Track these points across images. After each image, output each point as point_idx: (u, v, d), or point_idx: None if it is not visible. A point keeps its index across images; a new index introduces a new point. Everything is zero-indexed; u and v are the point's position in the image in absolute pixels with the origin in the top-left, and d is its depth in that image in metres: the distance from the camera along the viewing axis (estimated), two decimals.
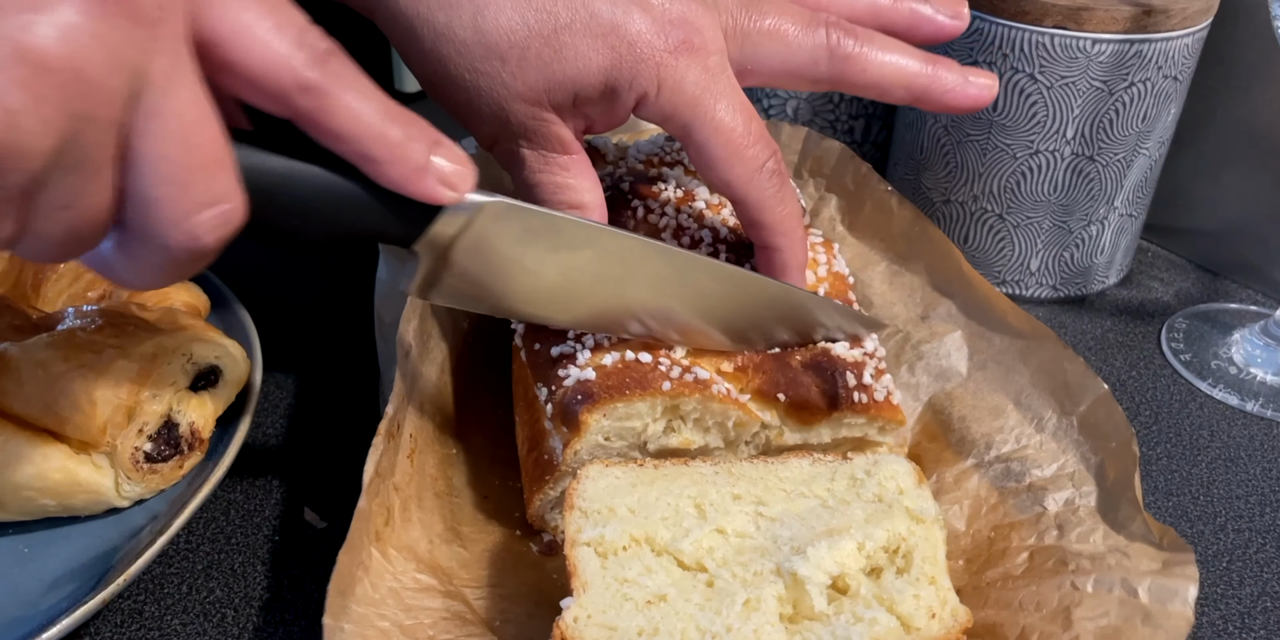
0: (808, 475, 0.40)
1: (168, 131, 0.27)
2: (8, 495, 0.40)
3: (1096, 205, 0.60)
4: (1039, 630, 0.38)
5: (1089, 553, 0.40)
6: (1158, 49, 0.55)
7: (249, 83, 0.29)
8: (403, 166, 0.32)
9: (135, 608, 0.41)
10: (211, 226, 0.28)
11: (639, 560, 0.37)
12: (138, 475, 0.41)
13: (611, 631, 0.34)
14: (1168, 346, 0.60)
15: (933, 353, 0.50)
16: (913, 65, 0.43)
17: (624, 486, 0.39)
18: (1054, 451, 0.44)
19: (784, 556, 0.37)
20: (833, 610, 0.35)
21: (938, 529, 0.38)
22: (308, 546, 0.44)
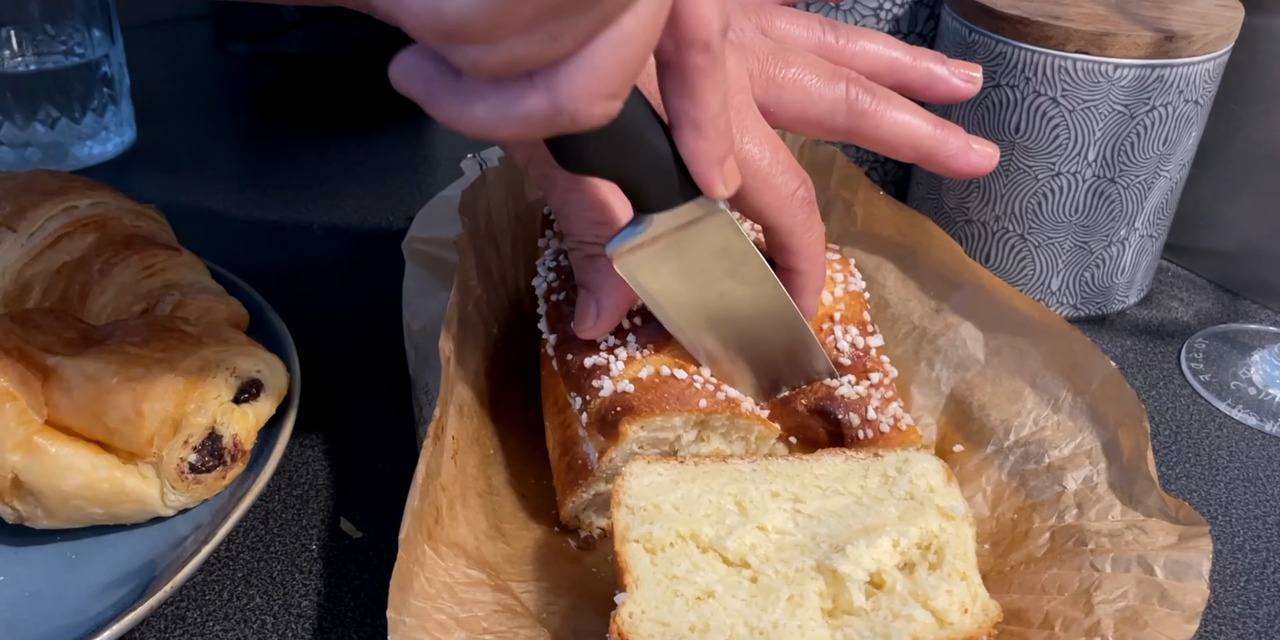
0: (841, 472, 0.42)
1: (651, 23, 0.30)
2: (57, 504, 0.41)
3: (1117, 226, 0.61)
4: (1062, 615, 0.39)
5: (1107, 530, 0.42)
6: (1179, 74, 0.56)
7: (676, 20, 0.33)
8: (712, 147, 0.36)
9: (178, 614, 0.42)
10: (600, 112, 0.30)
11: (686, 557, 0.38)
12: (182, 485, 0.43)
13: (665, 627, 0.36)
14: (1187, 367, 0.60)
15: (949, 345, 0.52)
16: (923, 128, 0.45)
17: (667, 483, 0.40)
18: (1071, 430, 0.46)
19: (824, 554, 0.38)
20: (870, 606, 0.37)
21: (967, 526, 0.40)
22: (344, 556, 0.45)
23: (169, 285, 0.51)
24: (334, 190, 0.75)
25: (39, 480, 0.41)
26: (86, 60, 0.74)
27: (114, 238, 0.52)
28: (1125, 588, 0.39)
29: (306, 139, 0.82)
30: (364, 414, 0.54)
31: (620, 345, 0.44)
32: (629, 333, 0.44)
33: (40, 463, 0.41)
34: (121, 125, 0.77)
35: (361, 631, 0.42)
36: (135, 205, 0.56)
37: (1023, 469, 0.46)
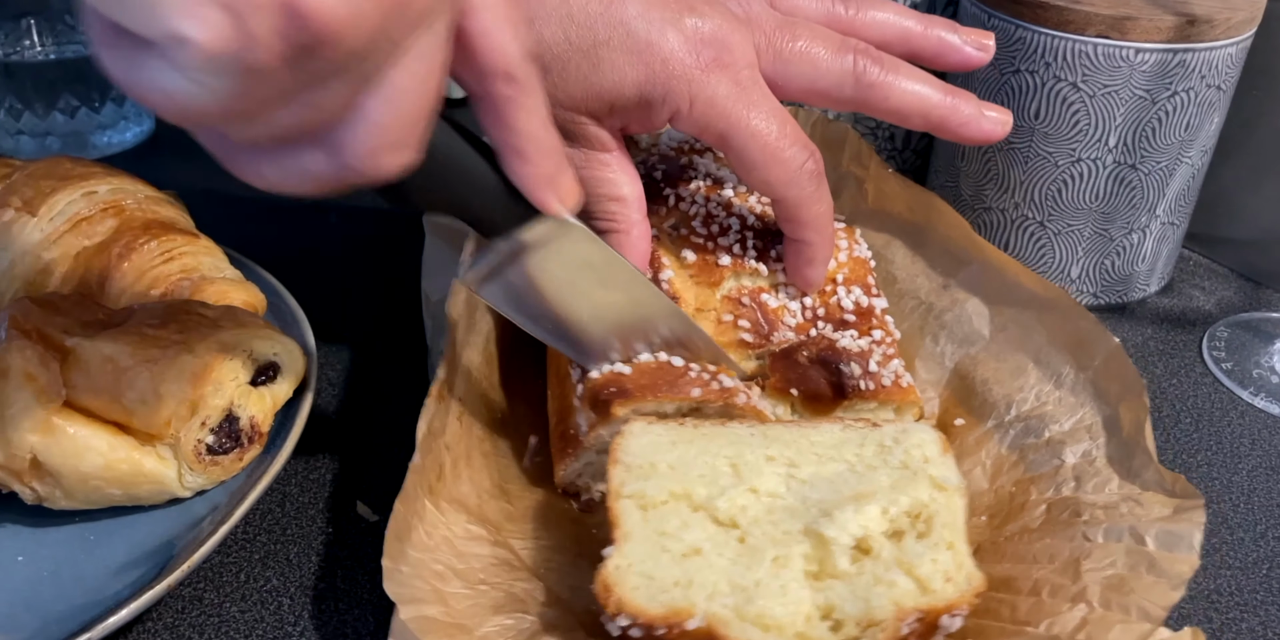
0: (838, 440, 0.42)
1: (422, 74, 0.30)
2: (75, 484, 0.42)
3: (1138, 213, 0.60)
4: (1050, 583, 0.40)
5: (1103, 502, 0.42)
6: (1201, 58, 0.55)
7: (471, 55, 0.33)
8: (539, 170, 0.36)
9: (195, 594, 0.42)
10: (391, 165, 0.31)
11: (677, 515, 0.38)
12: (200, 467, 0.43)
13: (650, 580, 0.36)
14: (1209, 355, 0.60)
15: (955, 321, 0.52)
16: (933, 96, 0.45)
17: (664, 444, 0.41)
18: (1072, 405, 0.46)
19: (812, 518, 0.38)
20: (855, 570, 0.37)
21: (959, 497, 0.40)
22: (360, 538, 0.45)
23: (187, 270, 0.51)
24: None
25: (57, 461, 0.41)
26: None
27: (133, 223, 0.52)
28: (1115, 557, 0.40)
29: None
30: (380, 398, 0.54)
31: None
32: None
33: (59, 443, 0.41)
34: (140, 114, 0.77)
35: (378, 613, 0.42)
36: (154, 191, 0.56)
37: (1023, 443, 0.47)
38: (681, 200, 0.50)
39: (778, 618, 0.35)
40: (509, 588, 0.40)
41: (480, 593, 0.39)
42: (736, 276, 0.48)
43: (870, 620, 0.36)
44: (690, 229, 0.48)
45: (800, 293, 0.48)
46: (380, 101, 0.29)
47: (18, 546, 0.43)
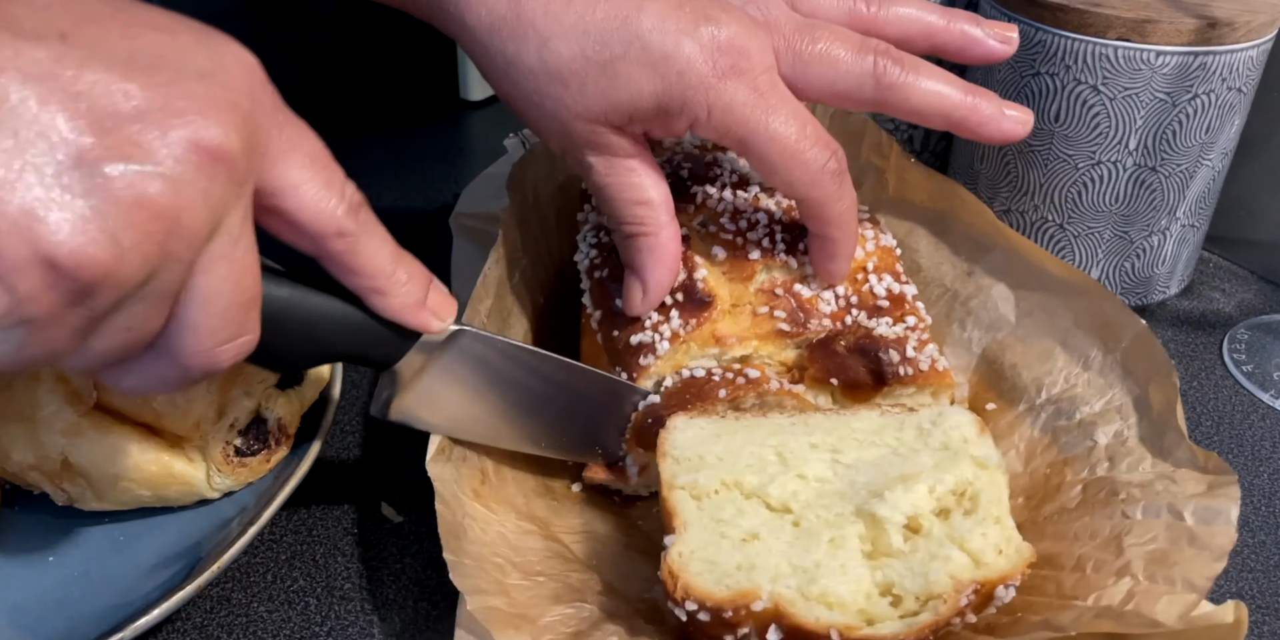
0: (878, 426, 0.43)
1: (227, 272, 0.31)
2: (106, 485, 0.42)
3: (1158, 216, 0.60)
4: (1093, 558, 0.40)
5: (1138, 481, 0.43)
6: (1222, 61, 0.55)
7: (294, 227, 0.34)
8: (405, 299, 0.37)
9: (224, 595, 0.43)
10: (231, 354, 0.32)
11: (731, 503, 0.40)
12: (228, 468, 0.43)
13: (713, 566, 0.37)
14: (1230, 357, 0.60)
15: (981, 307, 0.53)
16: (954, 95, 0.45)
17: (709, 436, 0.42)
18: (1101, 387, 0.47)
19: (862, 499, 0.39)
20: (909, 548, 0.38)
21: (1000, 474, 0.41)
22: (385, 539, 0.46)
23: None
24: (371, 181, 0.75)
25: (88, 462, 0.42)
26: None
27: None
28: (1155, 532, 0.40)
29: (341, 131, 0.82)
30: None
31: (664, 321, 0.45)
32: (671, 308, 0.46)
33: (89, 445, 0.42)
34: None
35: (403, 614, 0.42)
36: None
37: (1054, 425, 0.47)
38: (709, 197, 0.50)
39: (840, 595, 0.37)
40: (565, 579, 0.41)
41: (539, 584, 0.40)
42: (768, 270, 0.48)
43: (930, 594, 0.37)
44: (719, 226, 0.49)
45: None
46: (194, 308, 0.30)
47: (48, 547, 0.43)
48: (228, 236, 0.30)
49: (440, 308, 0.39)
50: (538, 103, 0.43)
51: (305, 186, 0.33)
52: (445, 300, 0.39)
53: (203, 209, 0.29)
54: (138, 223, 0.27)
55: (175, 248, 0.29)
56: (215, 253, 0.30)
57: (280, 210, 0.33)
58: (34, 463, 0.42)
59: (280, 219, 0.33)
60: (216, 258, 0.30)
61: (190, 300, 0.30)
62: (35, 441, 0.41)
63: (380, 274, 0.36)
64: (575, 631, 0.38)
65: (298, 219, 0.33)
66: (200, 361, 0.32)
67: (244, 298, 0.32)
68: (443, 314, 0.39)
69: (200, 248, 0.30)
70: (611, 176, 0.44)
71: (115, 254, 0.27)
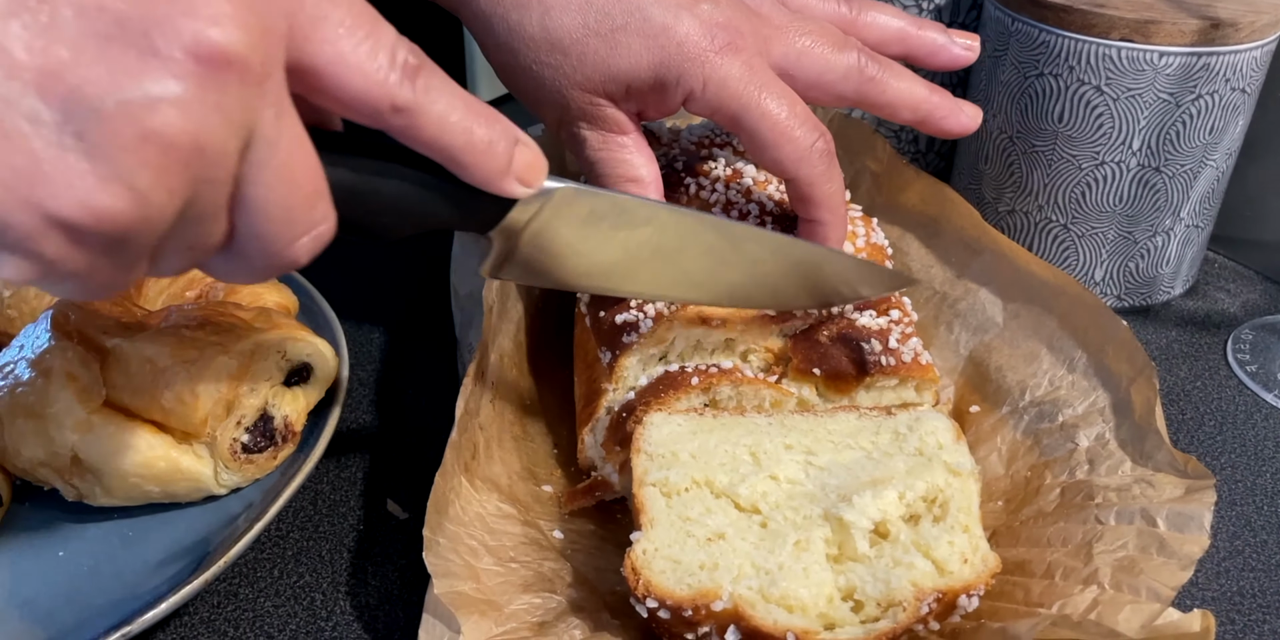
0: (854, 428, 0.43)
1: (276, 177, 0.28)
2: (115, 481, 0.43)
3: (1162, 216, 0.60)
4: (1063, 565, 0.40)
5: (1115, 485, 0.43)
6: (1225, 62, 0.55)
7: (345, 105, 0.31)
8: (487, 168, 0.34)
9: (231, 590, 0.43)
10: (309, 248, 0.31)
11: (700, 501, 0.40)
12: (235, 465, 0.44)
13: (676, 564, 0.37)
14: (1233, 357, 0.60)
15: (969, 310, 0.53)
16: (921, 92, 0.48)
17: (685, 434, 0.42)
18: (1085, 389, 0.47)
19: (831, 503, 0.39)
20: (874, 553, 0.38)
21: (973, 482, 0.41)
22: (390, 535, 0.46)
23: None
24: None
25: (97, 458, 0.42)
26: None
27: None
28: (1126, 539, 0.40)
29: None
30: (410, 399, 0.55)
31: (649, 302, 0.46)
32: None
33: (99, 441, 0.42)
34: None
35: (408, 609, 0.43)
36: None
37: (1037, 428, 0.48)
38: (702, 189, 0.51)
39: (801, 599, 0.37)
40: (538, 567, 0.41)
41: (510, 570, 0.40)
42: None
43: (890, 600, 0.37)
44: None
45: None
46: (254, 218, 0.29)
47: (58, 542, 0.44)
48: (264, 142, 0.28)
49: (527, 171, 0.35)
50: (537, 73, 0.44)
51: (347, 59, 0.30)
52: (534, 162, 0.36)
53: (220, 126, 0.26)
54: (149, 160, 0.25)
55: (203, 172, 0.26)
56: (255, 162, 0.28)
57: (325, 90, 0.30)
58: (44, 459, 0.42)
59: (328, 98, 0.30)
60: (258, 167, 0.28)
61: (246, 212, 0.29)
62: (45, 438, 0.42)
63: (454, 143, 0.33)
64: (540, 621, 0.39)
65: (344, 98, 0.30)
66: (278, 261, 0.30)
67: (302, 196, 0.29)
68: (530, 178, 0.36)
69: (235, 163, 0.27)
70: (604, 151, 0.45)
71: (133, 198, 0.25)
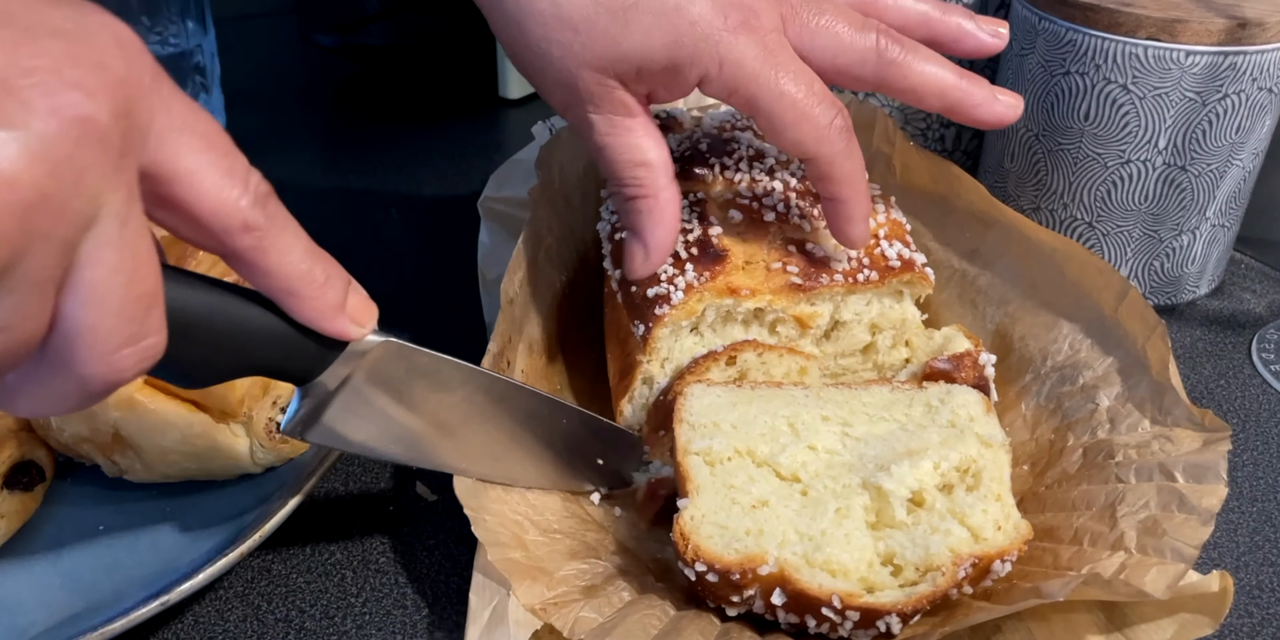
0: (888, 401, 0.44)
1: (118, 262, 0.27)
2: (154, 458, 0.44)
3: (1188, 215, 0.60)
4: (1090, 531, 0.41)
5: (1135, 442, 0.44)
6: (1252, 61, 0.55)
7: (195, 220, 0.30)
8: (323, 303, 0.34)
9: (264, 565, 0.45)
10: (135, 361, 0.28)
11: (742, 470, 0.41)
12: (270, 444, 0.45)
13: (723, 530, 0.39)
14: (1258, 357, 0.60)
15: (989, 284, 0.54)
16: (950, 78, 0.46)
17: (725, 404, 0.44)
18: (1102, 350, 0.48)
19: (869, 472, 0.41)
20: (911, 520, 0.40)
21: (1004, 453, 0.42)
22: (419, 516, 0.47)
23: None
24: (410, 175, 0.78)
25: (138, 435, 0.44)
26: (180, 50, 0.77)
27: None
28: (1147, 497, 0.41)
29: (384, 126, 0.85)
30: None
31: (679, 274, 0.47)
32: (686, 262, 0.47)
33: (140, 419, 0.43)
34: (212, 112, 0.80)
35: (435, 587, 0.44)
36: None
37: (1059, 391, 0.49)
38: (726, 169, 0.52)
39: (844, 564, 0.38)
40: (581, 537, 0.42)
41: (555, 541, 0.42)
42: (782, 231, 0.50)
43: (929, 565, 0.38)
44: (736, 193, 0.51)
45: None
46: (84, 306, 0.27)
47: (99, 516, 0.45)
48: (113, 218, 0.27)
49: (360, 313, 0.36)
50: (545, 50, 0.43)
51: (203, 172, 0.29)
52: (366, 305, 0.36)
53: (68, 179, 0.25)
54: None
55: (40, 224, 0.25)
56: (101, 238, 0.26)
57: (176, 200, 0.29)
58: (87, 435, 0.44)
59: (177, 212, 0.30)
60: (103, 244, 0.27)
61: (78, 297, 0.27)
62: (88, 414, 0.43)
63: (293, 274, 0.33)
64: (589, 585, 0.40)
65: (197, 210, 0.30)
66: (99, 369, 0.28)
67: (141, 290, 0.28)
68: (363, 320, 0.36)
69: (77, 230, 0.26)
70: (612, 136, 0.44)
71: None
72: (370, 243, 0.69)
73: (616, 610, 0.39)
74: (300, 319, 0.34)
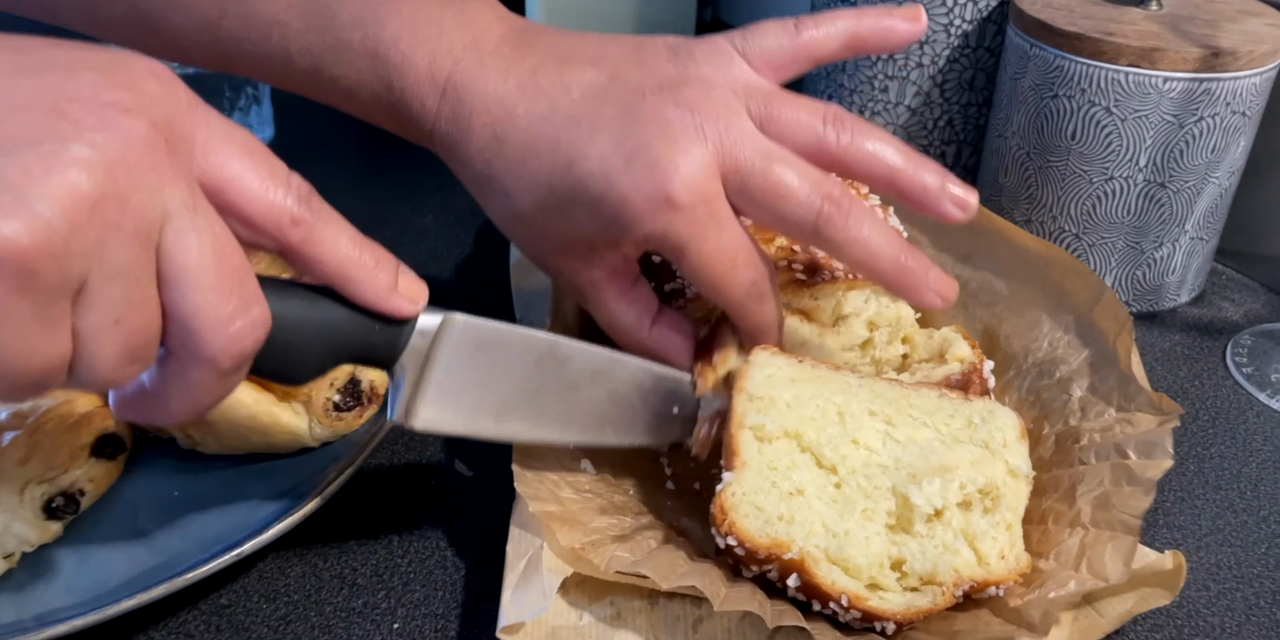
0: (933, 407, 0.46)
1: (202, 245, 0.31)
2: (225, 432, 0.49)
3: (1168, 228, 0.65)
4: (1054, 511, 0.46)
5: (1100, 427, 0.48)
6: (1226, 87, 0.60)
7: (247, 221, 0.34)
8: (376, 285, 0.37)
9: (320, 529, 0.50)
10: (249, 330, 0.32)
11: (787, 454, 0.43)
12: (327, 421, 0.50)
13: (760, 512, 0.41)
14: (1232, 360, 0.64)
15: (980, 288, 0.59)
16: (886, 257, 0.45)
17: (785, 379, 0.45)
18: (1078, 346, 0.53)
19: (901, 480, 0.43)
20: (927, 532, 0.42)
21: (1025, 485, 0.44)
22: (458, 491, 0.52)
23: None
24: (447, 184, 0.82)
25: (212, 412, 0.49)
26: None
27: None
28: (1102, 476, 0.46)
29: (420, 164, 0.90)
30: None
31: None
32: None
33: None
34: (263, 124, 0.86)
35: (472, 550, 0.49)
36: None
37: (1039, 385, 0.53)
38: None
39: (858, 564, 0.41)
40: (610, 498, 0.47)
41: (586, 499, 0.46)
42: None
43: (932, 579, 0.41)
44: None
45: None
46: (187, 290, 0.30)
47: (174, 484, 0.50)
48: (183, 210, 0.30)
49: (412, 291, 0.39)
50: (518, 242, 0.48)
51: (248, 177, 0.33)
52: (415, 284, 0.39)
53: (123, 176, 0.29)
54: (55, 194, 0.27)
55: (109, 216, 0.28)
56: (178, 229, 0.30)
57: (229, 206, 0.33)
58: None
59: (231, 215, 0.33)
60: (182, 233, 0.30)
61: (178, 285, 0.30)
62: None
63: (345, 261, 0.36)
64: (619, 534, 0.44)
65: (249, 212, 0.33)
66: (222, 344, 0.31)
67: (232, 265, 0.31)
68: (415, 297, 0.39)
69: (148, 222, 0.30)
70: (590, 305, 0.48)
71: (39, 227, 0.27)
72: (408, 250, 0.74)
73: (646, 553, 0.43)
74: (359, 302, 0.37)
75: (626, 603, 0.44)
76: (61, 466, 0.47)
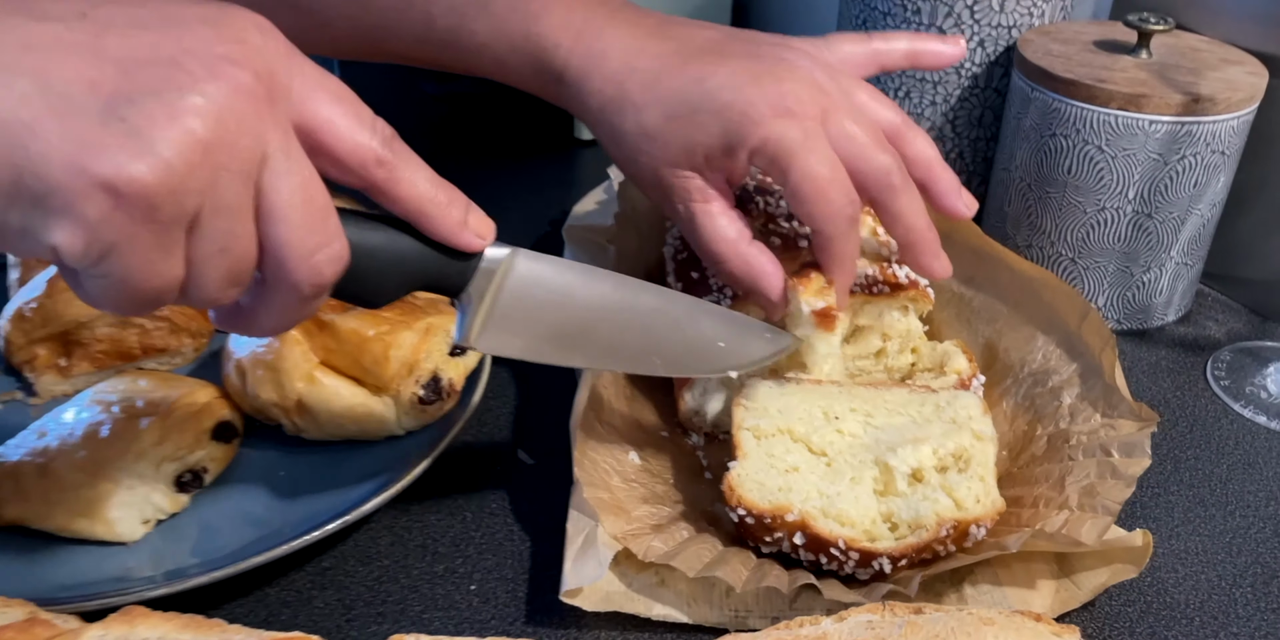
0: (905, 400, 0.55)
1: (293, 186, 0.34)
2: (326, 421, 0.57)
3: (1155, 254, 0.72)
4: (1045, 497, 0.53)
5: (1087, 430, 0.55)
6: (1206, 129, 0.67)
7: (337, 160, 0.37)
8: (449, 221, 0.41)
9: (404, 506, 0.57)
10: (330, 261, 0.36)
11: (782, 444, 0.52)
12: (413, 413, 0.58)
13: (761, 485, 0.50)
14: (1211, 374, 0.71)
15: (982, 306, 0.66)
16: (922, 222, 0.54)
17: (775, 394, 0.54)
18: (1068, 359, 0.60)
19: (881, 452, 0.51)
20: (910, 491, 0.50)
21: (991, 445, 0.52)
22: (521, 477, 0.60)
23: None
24: (494, 206, 0.87)
25: (316, 403, 0.57)
26: None
27: None
28: (1089, 470, 0.53)
29: (478, 162, 0.98)
30: (540, 368, 0.68)
31: (728, 285, 0.58)
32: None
33: (317, 390, 0.57)
34: None
35: (535, 527, 0.56)
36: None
37: (1033, 392, 0.61)
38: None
39: (851, 517, 0.49)
40: (651, 488, 0.55)
41: (632, 488, 0.54)
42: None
43: (918, 525, 0.49)
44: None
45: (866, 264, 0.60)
46: (278, 225, 0.34)
47: (280, 464, 0.58)
48: (279, 153, 0.33)
49: (481, 228, 0.42)
50: (634, 159, 0.52)
51: (339, 121, 0.36)
52: (484, 221, 0.42)
53: (232, 124, 0.32)
54: (175, 138, 0.31)
55: (220, 159, 0.32)
56: (275, 170, 0.33)
57: (321, 147, 0.36)
58: (277, 401, 0.57)
59: (322, 156, 0.36)
60: (278, 174, 0.33)
61: (272, 220, 0.34)
62: (279, 385, 0.57)
63: (423, 198, 0.39)
64: (656, 524, 0.52)
65: (338, 152, 0.36)
66: (305, 274, 0.35)
67: (318, 205, 0.35)
68: (484, 233, 0.42)
69: (252, 164, 0.33)
70: (695, 220, 0.52)
71: (162, 167, 0.30)
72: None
73: (679, 543, 0.51)
74: (433, 236, 0.41)
75: (669, 572, 0.51)
76: (188, 448, 0.55)
